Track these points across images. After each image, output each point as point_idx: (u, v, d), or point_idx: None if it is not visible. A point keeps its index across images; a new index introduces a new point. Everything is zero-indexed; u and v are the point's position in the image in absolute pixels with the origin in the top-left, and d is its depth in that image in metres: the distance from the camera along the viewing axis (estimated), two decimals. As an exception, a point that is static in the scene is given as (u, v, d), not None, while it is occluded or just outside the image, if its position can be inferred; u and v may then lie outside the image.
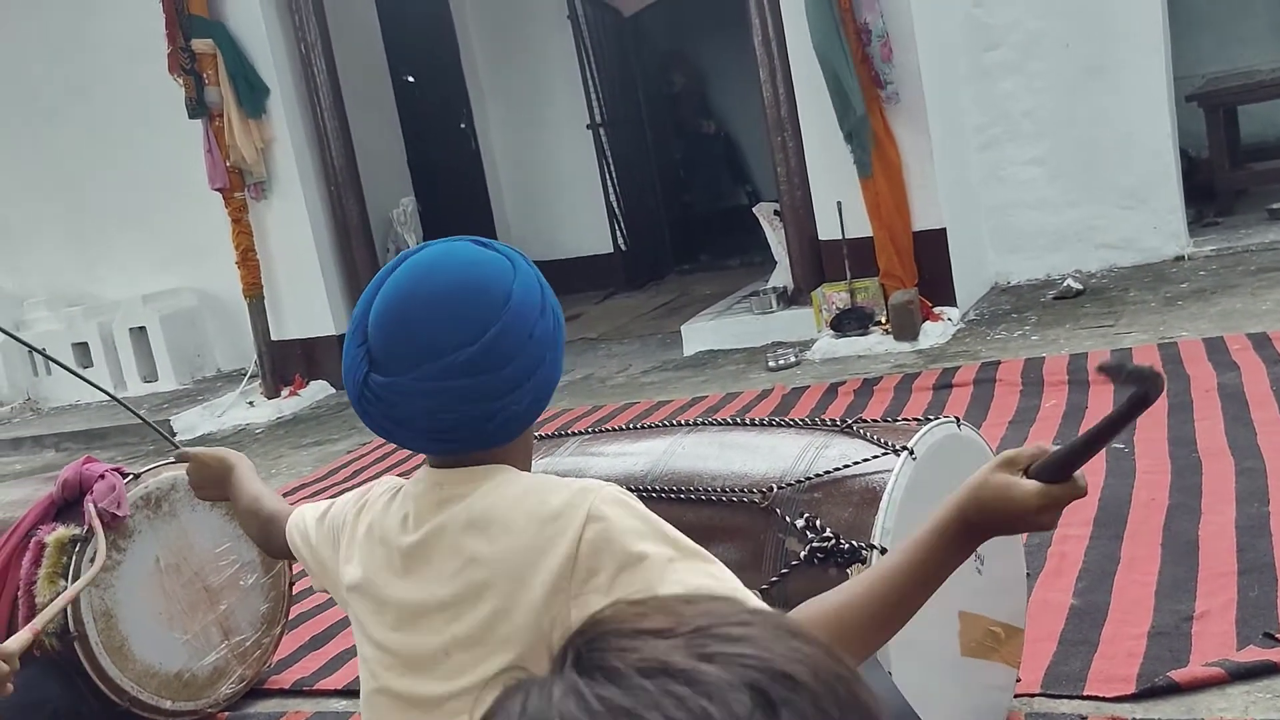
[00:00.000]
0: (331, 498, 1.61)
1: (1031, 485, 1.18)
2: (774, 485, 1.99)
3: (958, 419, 2.13)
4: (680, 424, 2.35)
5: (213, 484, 1.90)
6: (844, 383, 5.39)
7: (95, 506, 2.85)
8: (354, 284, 7.77)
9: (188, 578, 3.10)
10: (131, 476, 3.04)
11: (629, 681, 0.56)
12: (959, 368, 5.23)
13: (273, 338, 7.63)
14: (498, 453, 1.37)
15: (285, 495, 5.23)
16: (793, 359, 6.02)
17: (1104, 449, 1.29)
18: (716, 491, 2.03)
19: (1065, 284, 6.27)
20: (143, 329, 8.56)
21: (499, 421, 1.31)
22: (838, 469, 1.99)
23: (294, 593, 3.44)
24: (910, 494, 1.94)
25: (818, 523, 1.90)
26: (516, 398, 1.30)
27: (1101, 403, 4.35)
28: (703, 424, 2.33)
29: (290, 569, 3.37)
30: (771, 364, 6.02)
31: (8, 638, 2.94)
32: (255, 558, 3.26)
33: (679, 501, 2.05)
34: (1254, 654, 2.45)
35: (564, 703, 0.56)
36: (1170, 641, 2.59)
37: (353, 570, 1.44)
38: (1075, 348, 5.18)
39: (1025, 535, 2.85)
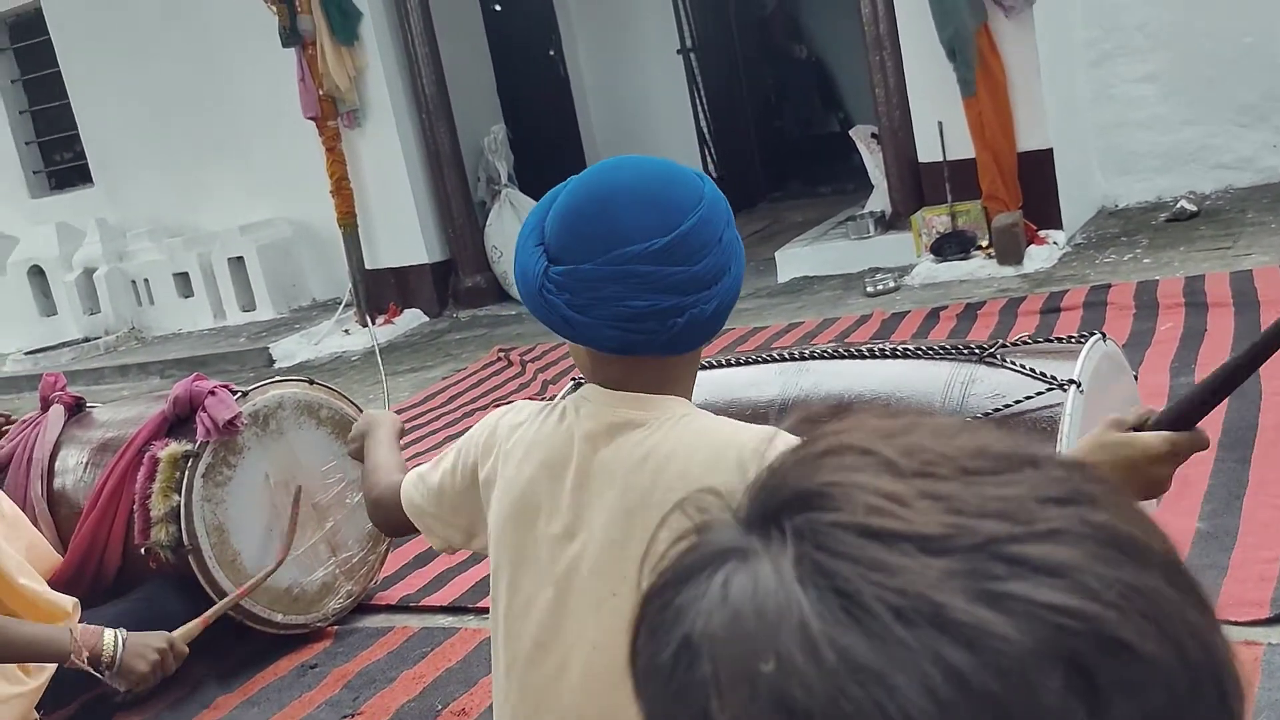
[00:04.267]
0: (429, 424, 1.56)
1: (1153, 435, 1.16)
2: None
3: (1103, 333, 1.91)
4: (783, 357, 2.04)
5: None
6: (946, 307, 5.26)
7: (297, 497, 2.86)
8: (446, 212, 7.77)
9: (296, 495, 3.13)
10: (240, 394, 3.07)
11: (879, 626, 0.39)
12: (1067, 291, 5.06)
13: (367, 266, 7.69)
14: (671, 372, 1.29)
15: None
16: (892, 284, 5.89)
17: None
18: None
19: (1178, 205, 6.03)
20: (240, 259, 8.69)
21: (687, 321, 1.22)
22: (997, 410, 1.74)
23: (398, 512, 3.46)
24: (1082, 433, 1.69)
25: None
26: (706, 298, 1.22)
27: (1221, 327, 4.18)
28: (806, 355, 2.03)
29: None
30: (870, 289, 5.90)
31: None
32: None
33: None
34: (1398, 580, 2.34)
35: (787, 637, 0.39)
36: (1306, 566, 2.48)
37: (513, 478, 1.35)
38: (1191, 270, 4.98)
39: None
